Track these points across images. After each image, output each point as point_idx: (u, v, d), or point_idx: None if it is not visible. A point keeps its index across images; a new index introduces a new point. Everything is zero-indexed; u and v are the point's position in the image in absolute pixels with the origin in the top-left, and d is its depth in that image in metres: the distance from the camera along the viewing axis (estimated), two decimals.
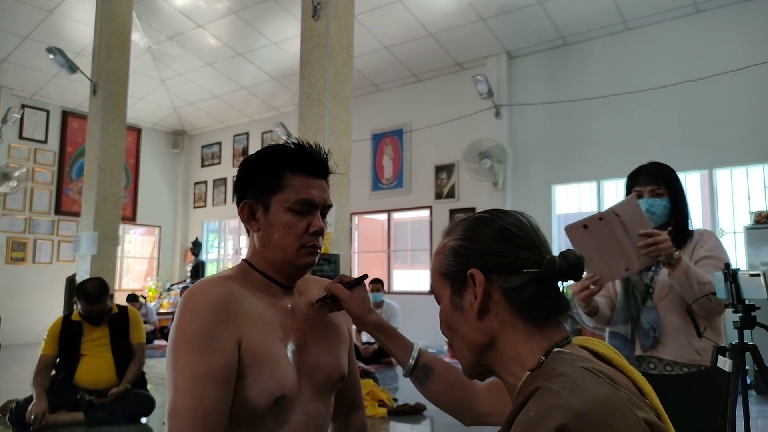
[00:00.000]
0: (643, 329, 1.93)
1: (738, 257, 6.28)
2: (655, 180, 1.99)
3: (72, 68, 6.79)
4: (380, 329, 1.17)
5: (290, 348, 1.10)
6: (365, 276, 1.22)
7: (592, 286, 1.84)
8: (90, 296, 4.05)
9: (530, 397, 0.68)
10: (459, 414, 1.13)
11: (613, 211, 1.74)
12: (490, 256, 0.80)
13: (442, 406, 1.14)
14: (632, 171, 2.08)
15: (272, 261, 1.13)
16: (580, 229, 1.77)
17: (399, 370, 6.92)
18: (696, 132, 6.64)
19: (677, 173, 2.07)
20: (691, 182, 6.96)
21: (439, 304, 0.87)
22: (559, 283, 0.82)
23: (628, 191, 2.06)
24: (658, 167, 2.05)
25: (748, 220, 5.92)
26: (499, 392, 1.06)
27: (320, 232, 1.13)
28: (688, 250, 1.96)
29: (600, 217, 1.74)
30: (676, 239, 1.94)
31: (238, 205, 1.16)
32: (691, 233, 2.00)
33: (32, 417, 3.85)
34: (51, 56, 6.73)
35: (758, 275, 1.80)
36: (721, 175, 6.66)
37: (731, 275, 1.80)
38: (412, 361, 1.12)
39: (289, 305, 1.15)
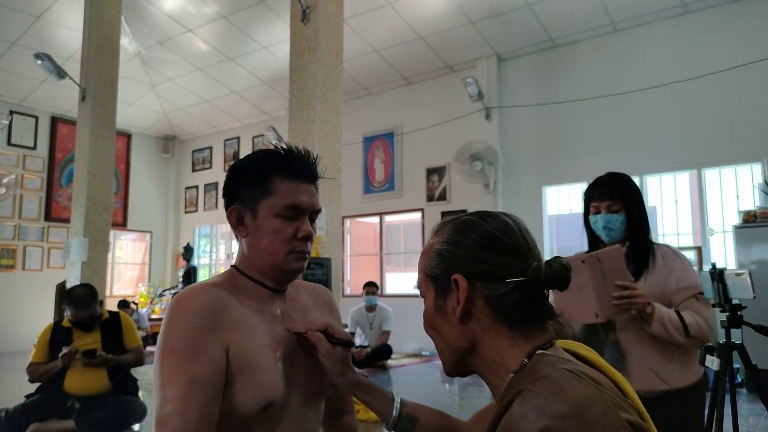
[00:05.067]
0: None
1: (727, 257, 6.33)
2: (610, 194, 1.94)
3: (60, 74, 6.75)
4: (357, 386, 1.11)
5: (279, 355, 1.10)
6: (352, 343, 1.16)
7: None
8: (78, 302, 4.02)
9: (514, 400, 0.68)
10: None
11: (597, 257, 1.74)
12: (475, 262, 0.80)
13: None
14: (589, 184, 2.03)
15: (261, 266, 1.13)
16: None
17: (393, 373, 6.91)
18: (685, 132, 6.70)
19: (634, 182, 2.02)
20: (680, 182, 7.01)
21: (424, 301, 0.87)
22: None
23: (586, 205, 2.02)
24: (613, 179, 1.99)
25: (737, 220, 5.96)
26: (486, 420, 1.01)
27: (309, 237, 1.13)
28: (653, 274, 1.90)
29: (583, 260, 1.73)
30: (635, 256, 1.91)
31: (226, 211, 1.16)
32: (651, 249, 1.94)
33: (65, 352, 3.89)
34: (39, 62, 6.69)
35: (744, 274, 1.82)
36: (710, 174, 6.71)
37: (718, 275, 1.82)
38: (395, 413, 1.07)
39: (278, 311, 1.15)
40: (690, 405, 1.84)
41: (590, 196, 1.99)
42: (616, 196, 1.93)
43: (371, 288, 7.49)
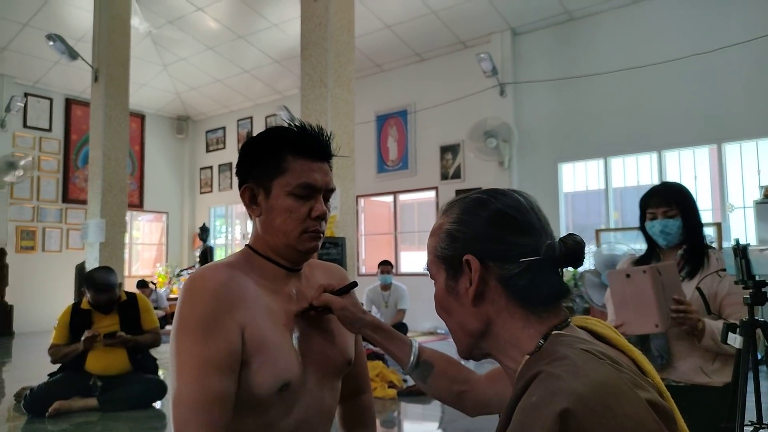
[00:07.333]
0: (652, 354, 1.96)
1: (748, 232, 6.23)
2: (667, 201, 2.02)
3: (73, 55, 6.75)
4: (376, 330, 1.13)
5: (295, 335, 1.09)
6: (355, 283, 1.18)
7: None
8: (99, 286, 4.07)
9: (531, 382, 0.67)
10: (462, 407, 1.13)
11: (657, 269, 1.80)
12: (487, 241, 0.78)
13: (445, 401, 1.14)
14: (645, 193, 2.11)
15: (275, 246, 1.11)
16: (622, 276, 1.84)
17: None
18: (704, 106, 6.55)
19: (688, 190, 2.09)
20: (699, 157, 6.88)
21: (434, 283, 0.85)
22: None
23: (642, 213, 2.09)
24: (669, 188, 2.09)
25: (757, 195, 5.85)
26: (500, 381, 1.04)
27: (323, 217, 1.11)
28: (707, 273, 1.97)
29: (644, 270, 1.79)
30: (691, 259, 1.99)
31: (240, 189, 1.14)
32: (706, 251, 2.02)
33: (87, 336, 3.99)
34: (51, 43, 6.69)
35: None
36: (731, 149, 6.58)
37: (741, 251, 1.78)
38: (413, 358, 1.11)
39: (294, 291, 1.14)
40: (724, 400, 1.89)
41: (646, 204, 2.08)
42: (672, 203, 2.01)
43: (386, 267, 7.50)
